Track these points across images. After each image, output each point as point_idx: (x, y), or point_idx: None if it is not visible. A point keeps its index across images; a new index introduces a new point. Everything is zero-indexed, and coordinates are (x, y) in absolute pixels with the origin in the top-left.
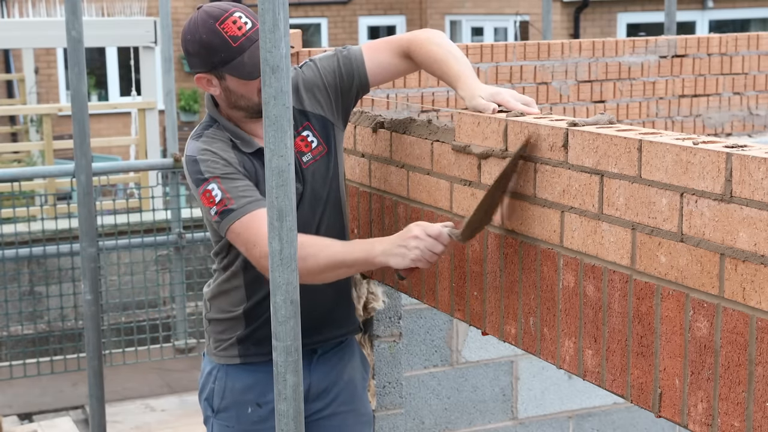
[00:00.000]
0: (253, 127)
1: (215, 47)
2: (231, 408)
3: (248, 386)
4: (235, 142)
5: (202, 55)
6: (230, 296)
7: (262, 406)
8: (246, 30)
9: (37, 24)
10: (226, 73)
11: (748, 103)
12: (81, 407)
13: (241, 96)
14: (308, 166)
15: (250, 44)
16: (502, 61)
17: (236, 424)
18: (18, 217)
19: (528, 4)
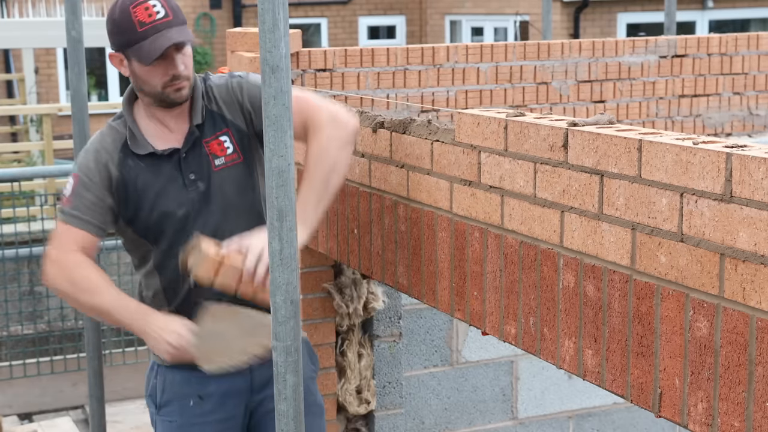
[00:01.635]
0: (164, 118)
1: (123, 28)
2: (173, 402)
3: (187, 378)
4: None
5: (113, 33)
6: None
7: (204, 398)
8: (156, 18)
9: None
10: (131, 56)
11: (748, 103)
12: (81, 407)
13: (145, 82)
14: (219, 170)
15: (154, 33)
16: (502, 61)
17: (179, 417)
18: (18, 217)
19: (528, 4)
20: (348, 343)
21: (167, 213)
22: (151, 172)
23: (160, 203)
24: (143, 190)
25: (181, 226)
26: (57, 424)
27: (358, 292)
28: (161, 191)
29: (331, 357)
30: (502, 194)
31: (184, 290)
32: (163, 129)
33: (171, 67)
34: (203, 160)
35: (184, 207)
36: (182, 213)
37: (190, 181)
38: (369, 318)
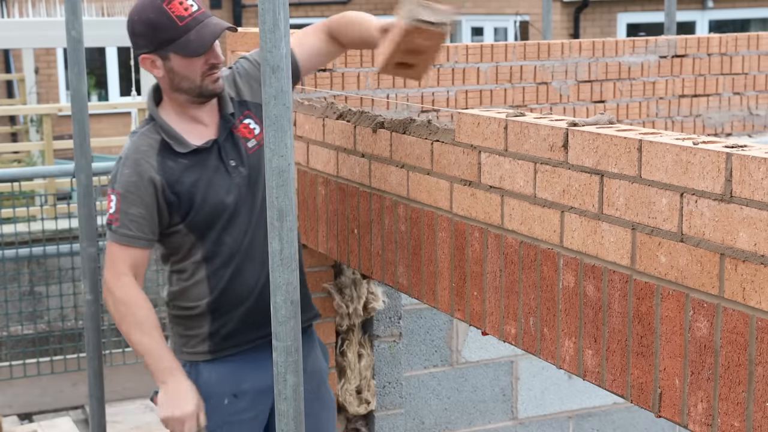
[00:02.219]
0: (197, 114)
1: (162, 26)
2: (208, 401)
3: (222, 377)
4: (169, 142)
5: (148, 34)
6: (193, 293)
7: (238, 396)
8: (192, 11)
9: (37, 24)
10: (171, 52)
11: (748, 103)
12: (81, 407)
13: (184, 77)
14: (253, 152)
15: (196, 24)
16: (502, 61)
17: (214, 416)
18: (18, 217)
19: (528, 4)
20: (348, 343)
21: (218, 203)
22: (195, 168)
23: (210, 194)
24: (192, 186)
25: (231, 214)
26: (57, 424)
27: (358, 292)
28: (209, 183)
29: (331, 357)
30: (502, 194)
31: (226, 278)
32: (197, 125)
33: (212, 56)
34: (238, 145)
35: (232, 194)
36: (231, 200)
37: (232, 168)
38: (369, 318)
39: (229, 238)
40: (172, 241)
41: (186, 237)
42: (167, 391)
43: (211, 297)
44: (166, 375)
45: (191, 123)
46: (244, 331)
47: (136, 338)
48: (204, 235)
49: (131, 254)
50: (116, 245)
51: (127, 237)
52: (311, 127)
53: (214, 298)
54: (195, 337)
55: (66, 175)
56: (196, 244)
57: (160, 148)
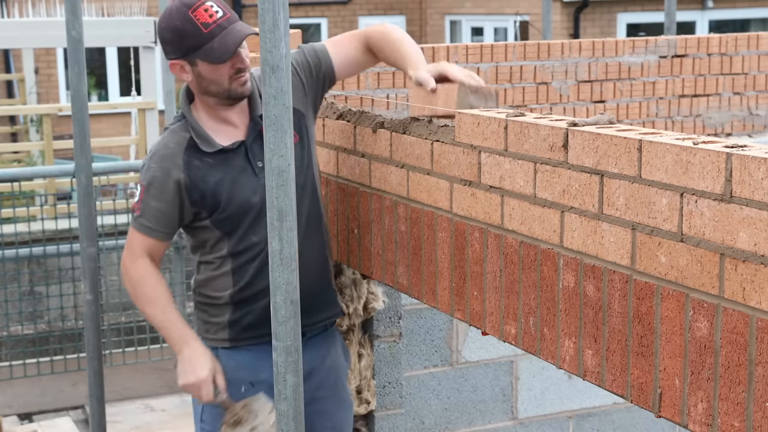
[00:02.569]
0: (228, 115)
1: (188, 33)
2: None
3: (241, 364)
4: (196, 141)
5: (175, 41)
6: (218, 283)
7: (255, 385)
8: (217, 18)
9: (37, 24)
10: (198, 59)
11: (748, 103)
12: (81, 407)
13: (212, 81)
14: None
15: (221, 31)
16: (502, 61)
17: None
18: (18, 217)
19: (528, 4)
20: (348, 343)
21: (244, 202)
22: (221, 167)
23: (236, 194)
24: (217, 185)
25: (257, 213)
26: (57, 424)
27: (358, 292)
28: (235, 183)
29: None
30: (502, 194)
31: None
32: (227, 126)
33: (238, 61)
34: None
35: (258, 194)
36: (257, 200)
37: (259, 169)
38: (369, 318)
39: (255, 236)
40: (199, 235)
41: (212, 232)
42: (182, 359)
43: (234, 289)
44: (181, 344)
45: (221, 123)
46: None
47: (150, 312)
48: (230, 233)
49: (148, 242)
50: (135, 231)
51: (145, 227)
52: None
53: (237, 291)
54: (216, 324)
55: (66, 175)
56: (222, 239)
57: (187, 146)
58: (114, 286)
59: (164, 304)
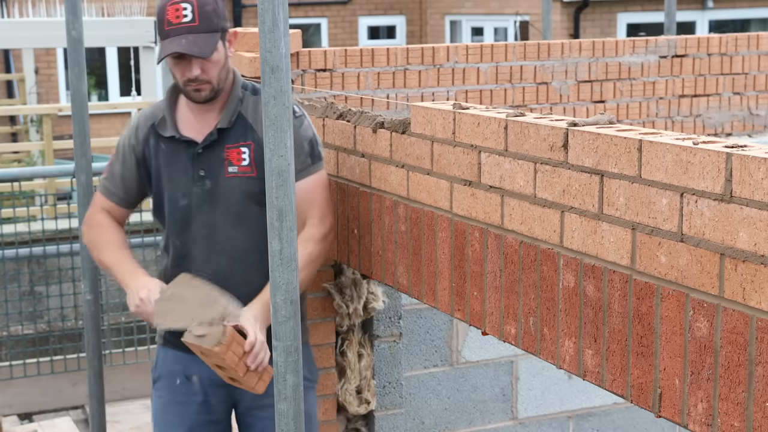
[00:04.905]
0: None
1: (157, 22)
2: (163, 378)
3: (175, 358)
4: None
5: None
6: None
7: (190, 379)
8: (181, 21)
9: (37, 24)
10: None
11: (748, 103)
12: (81, 407)
13: (173, 74)
14: (229, 177)
15: (173, 35)
16: (502, 61)
17: (166, 394)
18: (18, 217)
19: (528, 4)
20: (348, 343)
21: (173, 200)
22: (167, 156)
23: (169, 188)
24: (158, 170)
25: (181, 216)
26: (57, 424)
27: (358, 292)
28: (171, 177)
29: (331, 357)
30: (502, 194)
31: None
32: (194, 119)
33: (187, 69)
34: (218, 162)
35: (186, 198)
36: (184, 203)
37: (198, 177)
38: (369, 318)
39: (178, 241)
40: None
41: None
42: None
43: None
44: (128, 279)
45: (191, 115)
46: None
47: (103, 257)
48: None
49: (108, 204)
50: (98, 193)
51: (106, 189)
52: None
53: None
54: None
55: (66, 175)
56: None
57: (153, 123)
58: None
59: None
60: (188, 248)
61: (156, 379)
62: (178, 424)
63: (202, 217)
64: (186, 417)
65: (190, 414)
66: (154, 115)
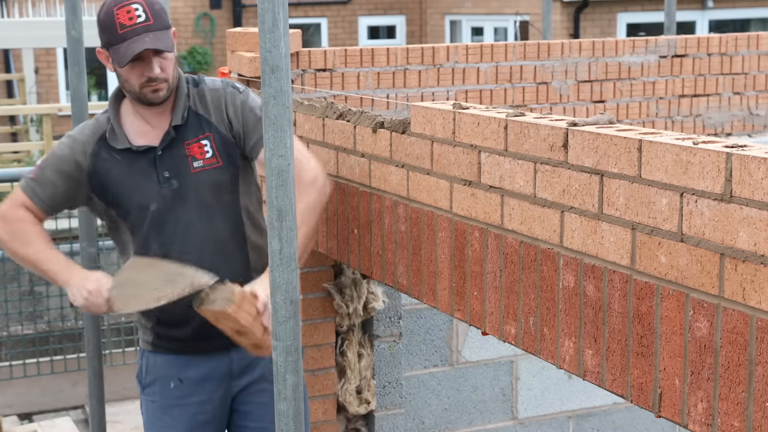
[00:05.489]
0: (147, 115)
1: (106, 28)
2: (155, 383)
3: (169, 362)
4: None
5: (99, 32)
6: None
7: (183, 381)
8: (136, 22)
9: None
10: (111, 55)
11: (748, 103)
12: (81, 407)
13: (125, 80)
14: (196, 172)
15: (132, 36)
16: (502, 61)
17: (160, 398)
18: None
19: (528, 4)
20: (348, 343)
21: (142, 207)
22: (126, 166)
23: (135, 197)
24: (118, 182)
25: (154, 221)
26: (57, 424)
27: (358, 292)
28: (136, 185)
29: (331, 357)
30: (502, 194)
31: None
32: (145, 126)
33: (147, 69)
34: (181, 160)
35: (155, 203)
36: (155, 208)
37: (164, 179)
38: (369, 318)
39: (155, 244)
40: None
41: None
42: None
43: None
44: (66, 274)
45: (141, 122)
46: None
47: (28, 250)
48: (134, 233)
49: (29, 204)
50: (21, 191)
51: (32, 190)
52: (311, 127)
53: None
54: (144, 326)
55: None
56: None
57: (101, 136)
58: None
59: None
60: (166, 250)
61: (147, 385)
62: (175, 427)
63: (175, 218)
64: (183, 419)
65: (188, 415)
66: (99, 128)
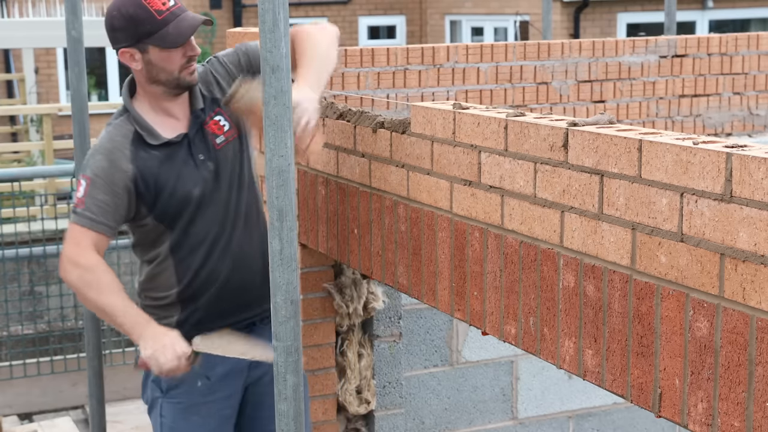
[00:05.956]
0: (170, 107)
1: (141, 19)
2: (182, 384)
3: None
4: (141, 134)
5: (128, 28)
6: (162, 282)
7: (211, 378)
8: (169, 5)
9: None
10: (150, 45)
11: (748, 103)
12: (81, 407)
13: (162, 69)
14: (220, 147)
15: (174, 18)
16: (502, 61)
17: (186, 398)
18: (18, 217)
19: (528, 4)
20: (348, 343)
21: (186, 194)
22: (166, 160)
23: (179, 186)
24: (162, 177)
25: (197, 205)
26: (57, 424)
27: (358, 292)
28: (179, 175)
29: (331, 357)
30: (502, 194)
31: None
32: (169, 119)
33: (189, 48)
34: (207, 140)
35: (198, 186)
36: (198, 192)
37: (200, 162)
38: (369, 318)
39: (195, 228)
40: (142, 232)
41: (155, 228)
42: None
43: (180, 287)
44: (142, 328)
45: (164, 116)
46: (213, 319)
47: (105, 300)
48: (172, 226)
49: (92, 236)
50: (79, 227)
51: (90, 221)
52: None
53: (182, 288)
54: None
55: (66, 175)
56: (165, 233)
57: (133, 138)
58: None
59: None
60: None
61: (172, 387)
62: (204, 425)
63: (215, 196)
64: (212, 416)
65: (215, 411)
66: (126, 132)
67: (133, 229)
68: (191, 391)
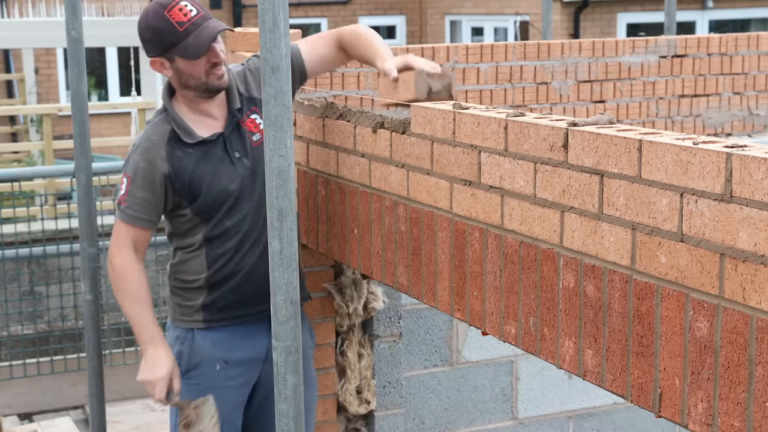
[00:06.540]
0: (207, 107)
1: (164, 32)
2: (200, 365)
3: (216, 343)
4: (178, 132)
5: (154, 40)
6: (192, 267)
7: (229, 363)
8: (191, 16)
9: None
10: (175, 55)
11: (748, 103)
12: (81, 407)
13: (190, 76)
14: (257, 145)
15: (195, 28)
16: (502, 61)
17: (205, 381)
18: (18, 217)
19: (528, 4)
20: (348, 343)
21: (222, 191)
22: (202, 158)
23: (216, 183)
24: (198, 175)
25: (233, 201)
26: (57, 424)
27: (358, 292)
28: (215, 172)
29: (331, 357)
30: (502, 194)
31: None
32: (207, 118)
33: (213, 55)
34: (244, 138)
35: (235, 182)
36: (234, 188)
37: (236, 159)
38: (369, 318)
39: (229, 222)
40: (178, 222)
41: (191, 219)
42: (146, 357)
43: (209, 272)
44: (147, 344)
45: (201, 116)
46: (238, 306)
47: (128, 307)
48: (208, 219)
49: (134, 232)
50: (122, 223)
51: (132, 217)
52: (311, 127)
53: (211, 274)
54: (191, 307)
55: (66, 175)
56: (199, 225)
57: (169, 137)
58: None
59: (141, 301)
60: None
61: (191, 367)
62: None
63: (251, 193)
64: (226, 400)
65: (230, 397)
66: (163, 131)
67: (171, 219)
68: (209, 374)
